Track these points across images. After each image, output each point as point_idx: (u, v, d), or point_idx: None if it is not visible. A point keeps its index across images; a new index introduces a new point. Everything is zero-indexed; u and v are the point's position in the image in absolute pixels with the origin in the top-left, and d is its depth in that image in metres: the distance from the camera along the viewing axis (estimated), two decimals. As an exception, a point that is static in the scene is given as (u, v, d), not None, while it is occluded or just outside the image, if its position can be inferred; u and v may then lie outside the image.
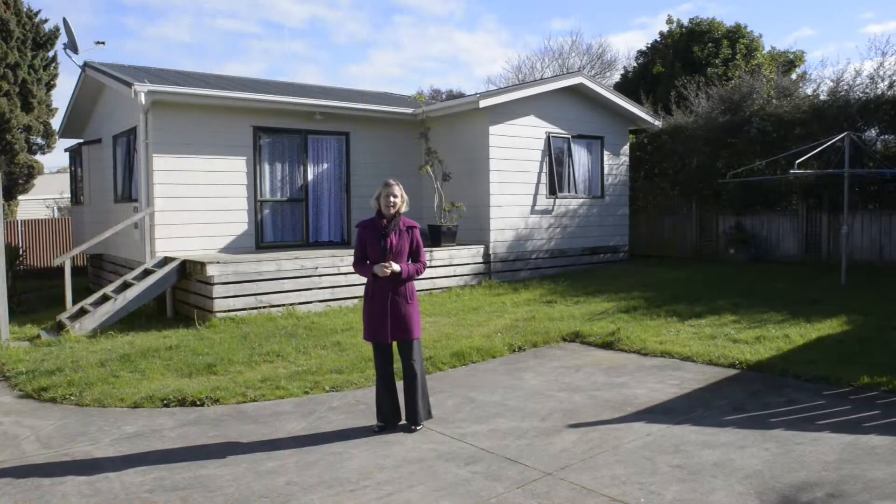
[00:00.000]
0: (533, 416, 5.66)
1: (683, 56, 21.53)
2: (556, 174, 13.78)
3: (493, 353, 7.77)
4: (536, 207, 13.50)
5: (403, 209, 5.36)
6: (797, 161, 11.77)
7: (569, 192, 14.12)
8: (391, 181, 5.33)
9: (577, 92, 14.08)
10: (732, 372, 6.81)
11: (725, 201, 15.60)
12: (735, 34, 21.45)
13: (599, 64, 33.92)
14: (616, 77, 29.89)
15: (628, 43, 60.51)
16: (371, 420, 5.59)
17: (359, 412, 5.86)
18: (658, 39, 23.12)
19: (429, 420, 5.48)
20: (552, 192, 13.70)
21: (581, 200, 14.31)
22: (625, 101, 14.64)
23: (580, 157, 14.39)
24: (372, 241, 5.28)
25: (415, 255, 5.41)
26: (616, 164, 15.04)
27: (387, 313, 5.23)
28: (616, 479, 4.33)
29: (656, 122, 15.46)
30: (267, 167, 12.22)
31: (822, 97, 14.55)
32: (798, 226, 14.39)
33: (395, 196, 5.25)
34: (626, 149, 15.29)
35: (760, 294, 10.61)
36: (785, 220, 14.64)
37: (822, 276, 12.08)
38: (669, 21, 22.82)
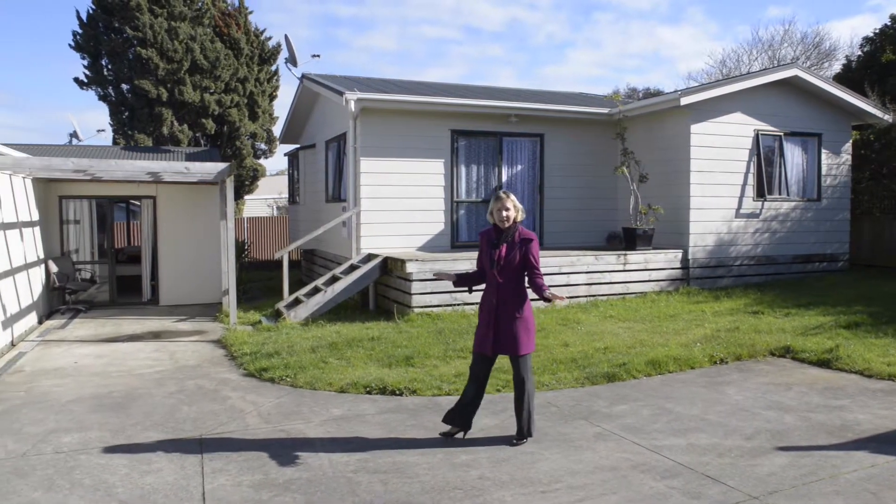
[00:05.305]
0: (736, 433, 5.31)
1: (922, 41, 19.01)
2: (765, 175, 12.79)
3: (691, 364, 7.39)
4: (742, 211, 12.62)
5: (520, 218, 5.15)
6: None
7: (779, 194, 13.05)
8: (501, 194, 5.14)
9: (791, 85, 12.96)
10: (981, 402, 5.91)
11: (973, 206, 13.56)
12: None
13: (816, 54, 30.99)
14: (836, 68, 27.09)
15: (854, 29, 54.57)
16: (563, 424, 5.56)
17: (550, 414, 5.85)
18: (888, 24, 20.62)
19: (529, 438, 5.18)
20: (760, 194, 12.74)
21: (793, 203, 13.16)
22: (847, 94, 13.23)
23: (793, 157, 13.24)
24: (485, 250, 5.19)
25: (528, 269, 5.12)
26: (835, 164, 13.65)
27: (491, 325, 5.08)
28: (835, 511, 3.94)
29: (885, 117, 13.78)
30: (463, 169, 12.58)
31: None
32: None
33: (506, 210, 5.08)
34: (847, 146, 13.82)
35: None
36: None
37: None
38: (905, 2, 20.26)
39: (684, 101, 11.73)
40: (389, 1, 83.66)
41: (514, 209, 5.12)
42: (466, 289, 5.49)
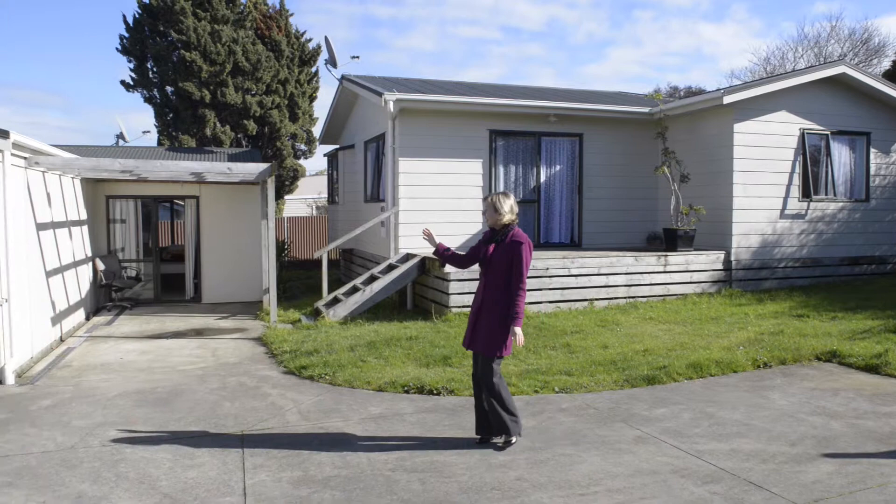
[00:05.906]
0: (780, 439, 5.20)
1: (978, 36, 18.36)
2: (811, 175, 12.49)
3: (734, 368, 7.25)
4: (786, 211, 12.35)
5: (504, 220, 5.06)
6: None
7: (826, 194, 12.73)
8: (490, 195, 5.18)
9: (838, 83, 12.63)
10: None
11: None
12: None
13: (864, 51, 30.21)
14: (886, 65, 26.39)
15: (904, 25, 52.87)
16: (602, 426, 5.51)
17: (588, 416, 5.80)
18: (944, 19, 19.97)
19: (514, 439, 5.10)
20: (806, 194, 12.45)
21: (840, 204, 12.83)
22: (898, 92, 12.85)
23: (840, 156, 12.90)
24: (480, 247, 5.25)
25: (514, 273, 4.97)
26: (885, 164, 13.26)
27: (473, 320, 5.16)
28: (884, 521, 3.83)
29: (940, 115, 13.35)
30: (501, 169, 12.54)
31: None
32: None
33: (493, 210, 5.09)
34: (898, 146, 13.43)
35: None
36: None
37: None
38: (960, -4, 19.61)
39: (727, 99, 11.51)
40: (428, 1, 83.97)
41: (490, 209, 5.10)
42: (439, 259, 5.53)
